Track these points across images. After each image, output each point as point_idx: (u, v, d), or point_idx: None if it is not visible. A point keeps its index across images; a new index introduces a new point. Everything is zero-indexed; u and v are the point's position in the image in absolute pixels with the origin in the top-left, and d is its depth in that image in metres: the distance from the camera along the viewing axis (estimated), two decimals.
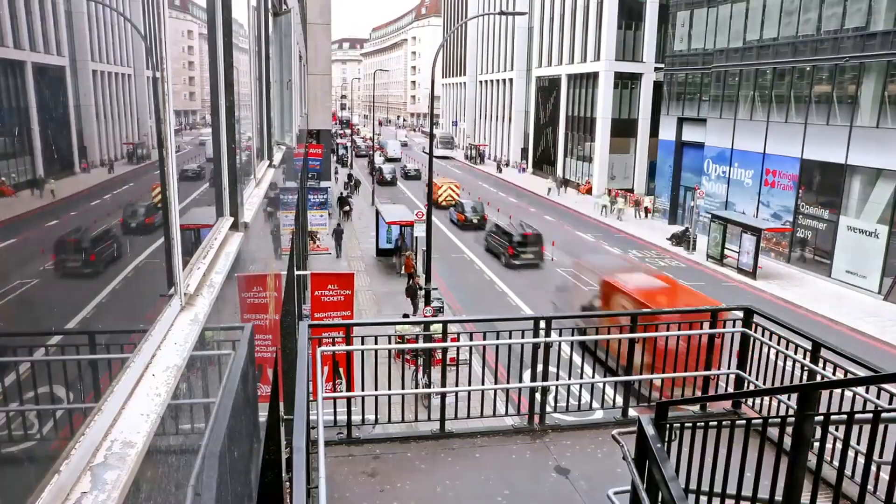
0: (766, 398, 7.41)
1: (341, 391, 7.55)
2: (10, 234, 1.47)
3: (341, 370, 7.56)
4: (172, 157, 2.59)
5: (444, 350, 7.83)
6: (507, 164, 69.52)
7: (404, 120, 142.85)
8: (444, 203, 42.89)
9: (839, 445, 4.38)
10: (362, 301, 23.59)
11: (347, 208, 40.25)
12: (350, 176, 53.00)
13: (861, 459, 4.62)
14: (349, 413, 6.88)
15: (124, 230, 2.28)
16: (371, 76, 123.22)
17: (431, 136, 23.16)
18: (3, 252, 1.42)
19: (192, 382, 2.63)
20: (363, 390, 7.19)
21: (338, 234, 30.54)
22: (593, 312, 17.88)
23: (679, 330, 7.63)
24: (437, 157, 50.04)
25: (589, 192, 50.83)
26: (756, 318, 7.46)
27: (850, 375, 5.90)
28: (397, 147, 77.55)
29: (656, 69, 47.50)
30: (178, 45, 3.14)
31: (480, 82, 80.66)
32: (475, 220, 37.68)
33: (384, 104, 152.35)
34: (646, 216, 42.68)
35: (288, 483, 6.74)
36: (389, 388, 9.03)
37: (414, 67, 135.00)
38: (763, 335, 7.31)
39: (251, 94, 6.09)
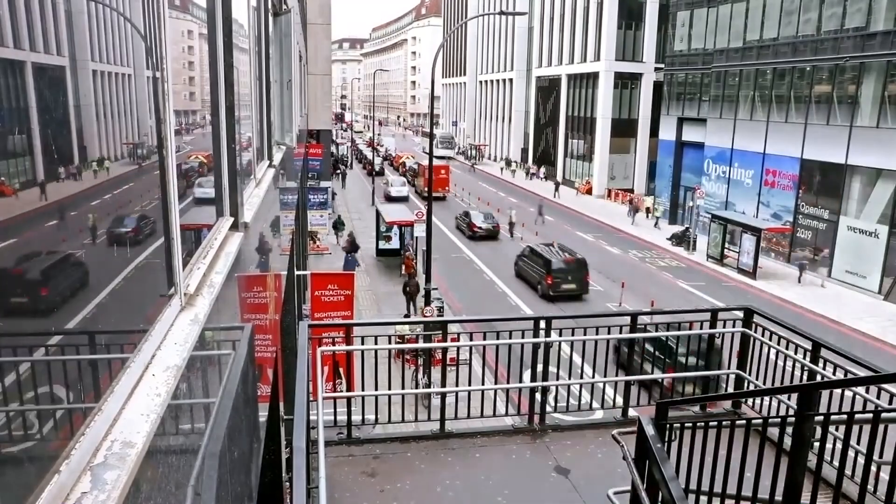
0: (767, 398, 7.40)
1: (341, 391, 7.55)
2: (11, 233, 1.47)
3: (341, 370, 7.56)
4: (172, 157, 2.59)
5: (444, 350, 7.83)
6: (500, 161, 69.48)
7: (404, 119, 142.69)
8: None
9: (839, 445, 4.38)
10: (362, 301, 23.56)
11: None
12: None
13: (861, 459, 4.62)
14: (349, 413, 6.88)
15: (124, 230, 2.28)
16: (371, 76, 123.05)
17: (431, 136, 23.22)
18: (3, 252, 1.42)
19: (193, 382, 2.63)
20: (363, 390, 7.19)
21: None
22: (593, 313, 17.87)
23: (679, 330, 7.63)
24: (437, 157, 50.21)
25: (589, 192, 50.80)
26: (756, 318, 7.46)
27: (850, 375, 5.90)
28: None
29: (656, 69, 47.49)
30: (178, 45, 3.14)
31: (480, 82, 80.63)
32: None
33: (384, 104, 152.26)
34: (634, 213, 41.49)
35: (288, 483, 6.73)
36: (389, 388, 9.02)
37: (414, 67, 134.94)
38: (763, 335, 7.31)
39: (251, 94, 6.09)
